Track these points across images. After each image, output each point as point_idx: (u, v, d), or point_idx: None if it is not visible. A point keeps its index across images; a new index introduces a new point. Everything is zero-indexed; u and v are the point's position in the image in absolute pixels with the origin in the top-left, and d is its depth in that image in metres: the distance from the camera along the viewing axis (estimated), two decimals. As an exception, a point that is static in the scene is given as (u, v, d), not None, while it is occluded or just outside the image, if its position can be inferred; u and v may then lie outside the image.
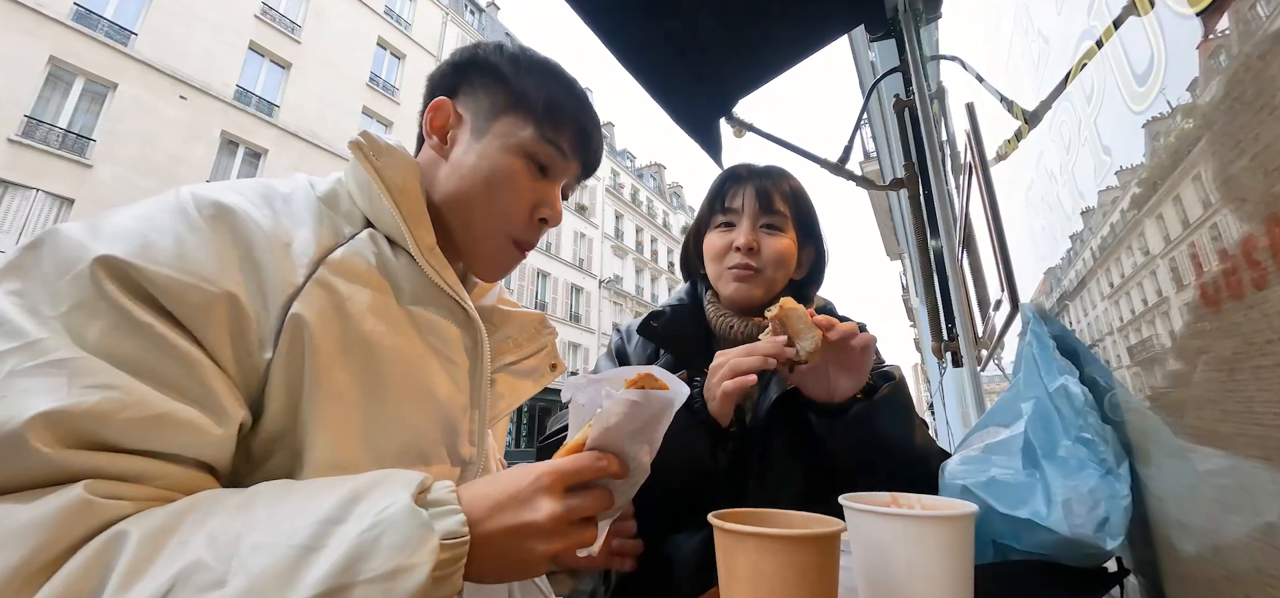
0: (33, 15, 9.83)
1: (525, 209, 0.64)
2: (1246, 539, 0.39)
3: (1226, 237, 0.37)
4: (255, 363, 0.45)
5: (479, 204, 0.62)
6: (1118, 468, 0.55)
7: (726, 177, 0.94)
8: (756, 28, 1.67)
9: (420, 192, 0.60)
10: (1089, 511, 0.52)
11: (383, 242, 0.57)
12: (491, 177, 0.61)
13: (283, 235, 0.49)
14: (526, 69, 0.65)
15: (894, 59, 1.97)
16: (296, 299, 0.47)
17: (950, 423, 4.10)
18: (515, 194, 0.62)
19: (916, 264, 1.90)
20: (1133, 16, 0.46)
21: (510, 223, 0.63)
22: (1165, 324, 0.48)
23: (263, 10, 13.25)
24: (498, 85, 0.64)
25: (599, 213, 25.72)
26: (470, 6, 21.19)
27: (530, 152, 0.63)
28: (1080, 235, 0.65)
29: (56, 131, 9.95)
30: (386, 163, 0.58)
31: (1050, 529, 0.53)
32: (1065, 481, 0.54)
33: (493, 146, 0.62)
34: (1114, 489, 0.53)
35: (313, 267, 0.49)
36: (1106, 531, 0.52)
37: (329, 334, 0.48)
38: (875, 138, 3.71)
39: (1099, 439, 0.56)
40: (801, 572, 0.43)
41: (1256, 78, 0.32)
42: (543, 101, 0.63)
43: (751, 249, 0.87)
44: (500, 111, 0.63)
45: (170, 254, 0.42)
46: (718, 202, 0.93)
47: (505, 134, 0.62)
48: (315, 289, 0.48)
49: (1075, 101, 0.60)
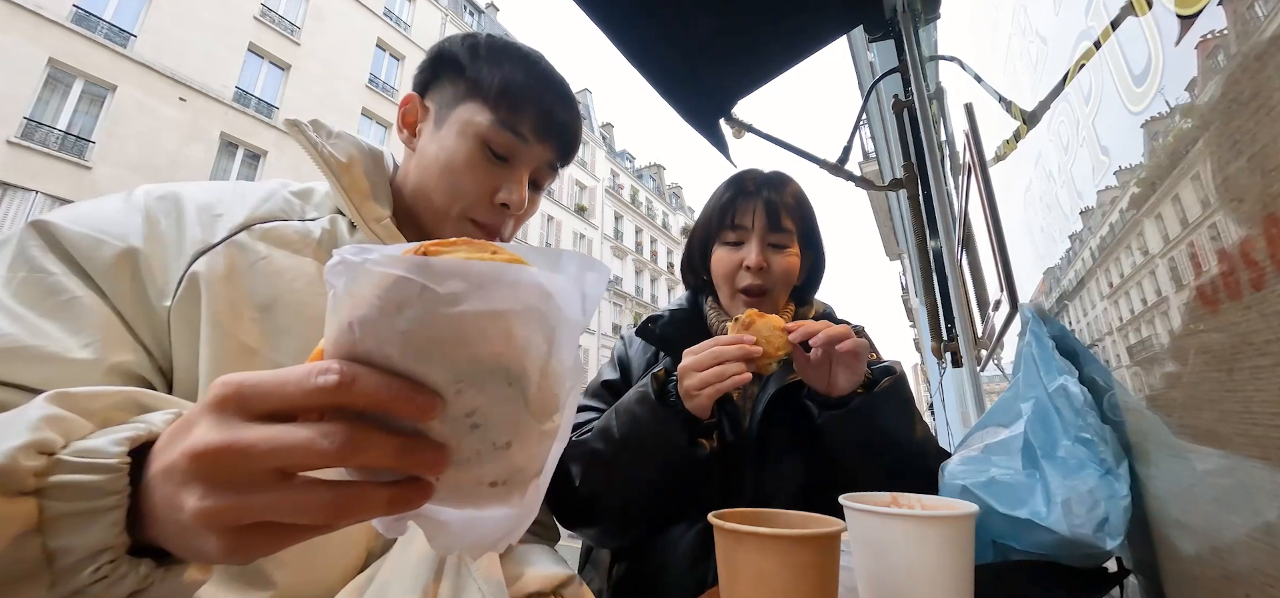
0: (32, 17, 9.82)
1: (482, 193, 0.64)
2: (1246, 539, 0.39)
3: (1224, 237, 0.37)
4: (156, 309, 0.48)
5: (435, 189, 0.64)
6: (1117, 468, 0.55)
7: (736, 189, 0.94)
8: (755, 28, 1.67)
9: (378, 170, 0.64)
10: (1088, 511, 0.52)
11: (342, 223, 0.61)
12: (448, 163, 0.64)
13: (218, 207, 0.55)
14: (485, 56, 0.66)
15: (893, 59, 1.97)
16: (204, 255, 0.51)
17: (950, 423, 4.10)
18: (470, 178, 0.64)
19: (916, 264, 1.90)
20: (1130, 17, 0.46)
21: (465, 204, 0.65)
22: (1164, 324, 0.48)
23: (262, 12, 13.24)
24: (458, 75, 0.66)
25: (598, 214, 25.73)
26: (469, 7, 21.20)
27: (485, 138, 0.63)
28: (1079, 235, 0.65)
29: (56, 133, 9.94)
30: (333, 143, 0.62)
31: (1050, 529, 0.53)
32: (1065, 481, 0.54)
33: (450, 134, 0.65)
34: (1113, 489, 0.53)
35: (233, 230, 0.54)
36: (1106, 531, 0.52)
37: (234, 288, 0.51)
38: (874, 138, 3.71)
39: (1098, 439, 0.56)
40: (802, 572, 0.43)
41: (1254, 78, 0.32)
42: (497, 87, 0.64)
43: (762, 269, 0.89)
44: (460, 100, 0.65)
45: (91, 220, 0.48)
46: (727, 216, 0.93)
47: (462, 122, 0.64)
48: (227, 248, 0.52)
49: (1073, 102, 0.60)
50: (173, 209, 0.52)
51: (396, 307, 0.25)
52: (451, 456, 0.27)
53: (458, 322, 0.25)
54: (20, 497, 0.26)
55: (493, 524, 0.31)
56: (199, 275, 0.50)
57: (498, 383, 0.27)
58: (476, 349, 0.26)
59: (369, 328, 0.25)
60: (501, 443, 0.28)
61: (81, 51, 10.34)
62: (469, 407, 0.27)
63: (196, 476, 0.25)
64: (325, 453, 0.25)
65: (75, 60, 10.24)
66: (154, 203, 0.52)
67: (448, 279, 0.25)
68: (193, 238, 0.51)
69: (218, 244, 0.52)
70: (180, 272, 0.49)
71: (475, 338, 0.26)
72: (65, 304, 0.44)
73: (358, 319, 0.25)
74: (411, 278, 0.24)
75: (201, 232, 0.52)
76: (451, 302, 0.25)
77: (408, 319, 0.25)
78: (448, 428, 0.27)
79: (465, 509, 0.30)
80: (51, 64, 10.05)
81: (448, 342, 0.26)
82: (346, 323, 0.25)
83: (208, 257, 0.51)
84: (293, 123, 0.61)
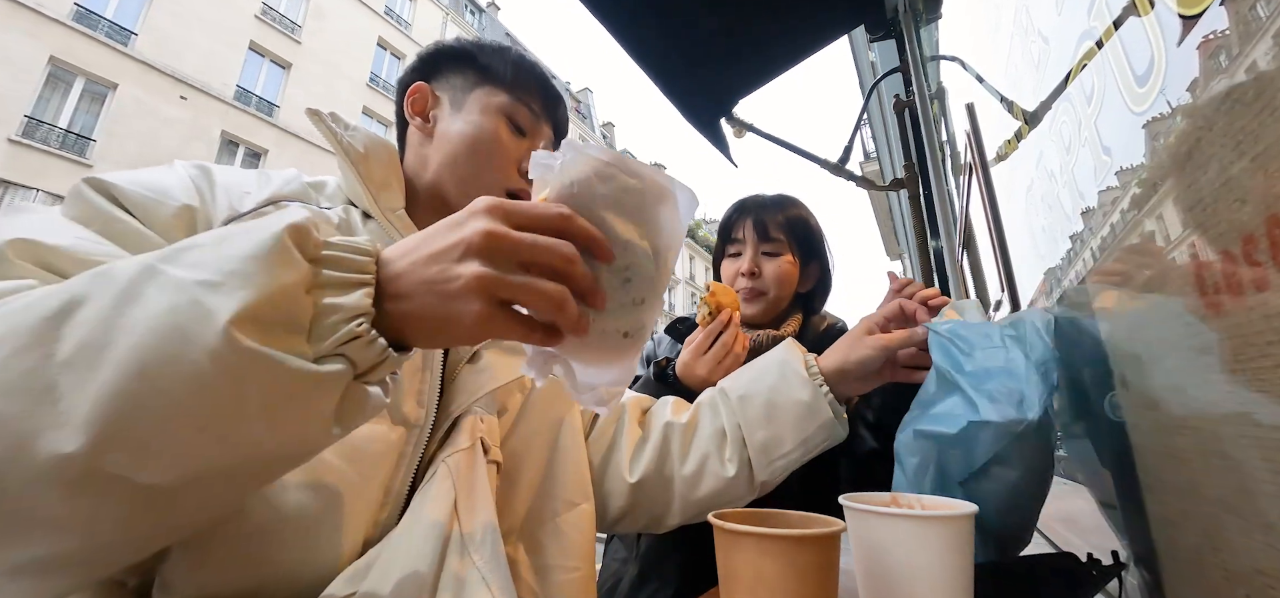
0: (33, 15, 9.82)
1: (511, 164, 0.70)
2: (1246, 540, 0.39)
3: (1227, 237, 0.37)
4: None
5: (465, 165, 0.69)
6: (1034, 354, 0.58)
7: (737, 210, 1.10)
8: (756, 27, 1.67)
9: (392, 163, 0.68)
10: (1007, 394, 0.56)
11: (355, 213, 0.63)
12: (477, 139, 0.68)
13: (245, 185, 0.58)
14: (489, 50, 0.73)
15: (894, 59, 1.97)
16: (241, 219, 0.54)
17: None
18: (501, 151, 0.69)
19: (917, 264, 1.90)
20: (1133, 17, 0.46)
21: (504, 177, 0.70)
22: (1164, 325, 0.48)
23: (263, 10, 13.24)
24: (466, 65, 0.72)
25: (599, 213, 25.68)
26: (470, 6, 21.19)
27: (507, 112, 0.70)
28: (1080, 236, 0.65)
29: (57, 132, 9.94)
30: (351, 134, 0.65)
31: (985, 422, 0.56)
32: (985, 384, 0.58)
33: (473, 113, 0.70)
34: (1023, 366, 0.57)
35: (261, 203, 0.57)
36: (1024, 406, 0.55)
37: None
38: (875, 138, 3.71)
39: (1007, 340, 0.60)
40: (801, 572, 0.43)
41: (1256, 79, 0.32)
42: (509, 70, 0.71)
43: (754, 273, 1.03)
44: (473, 85, 0.71)
45: (144, 180, 0.51)
46: (727, 233, 1.10)
47: (482, 103, 0.70)
48: (256, 215, 0.55)
49: (1075, 102, 0.60)
50: (207, 180, 0.56)
51: (601, 178, 0.39)
52: (608, 300, 0.39)
53: (636, 197, 0.40)
54: (306, 260, 0.34)
55: (607, 379, 0.43)
56: None
57: (645, 251, 0.40)
58: (641, 219, 0.40)
59: (582, 187, 0.38)
60: (638, 299, 0.41)
61: (82, 50, 10.35)
62: (626, 263, 0.40)
63: (480, 251, 0.35)
64: (561, 256, 0.36)
65: (76, 58, 10.25)
66: (194, 172, 0.56)
67: (634, 171, 0.39)
68: (224, 206, 0.55)
69: (245, 215, 0.55)
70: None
71: (641, 213, 0.40)
72: (140, 240, 0.46)
73: (577, 180, 0.39)
74: (613, 164, 0.39)
75: (232, 202, 0.55)
76: (634, 186, 0.39)
77: (606, 187, 0.39)
78: (611, 277, 0.39)
79: (593, 364, 0.42)
80: (52, 62, 10.06)
81: (627, 209, 0.39)
82: (569, 182, 0.39)
83: (248, 219, 0.55)
84: (315, 112, 0.64)
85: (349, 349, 0.34)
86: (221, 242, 0.33)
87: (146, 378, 0.29)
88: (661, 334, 1.15)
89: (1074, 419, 0.74)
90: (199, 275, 0.31)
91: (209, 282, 0.31)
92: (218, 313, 0.30)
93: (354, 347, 0.34)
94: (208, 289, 0.30)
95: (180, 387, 0.29)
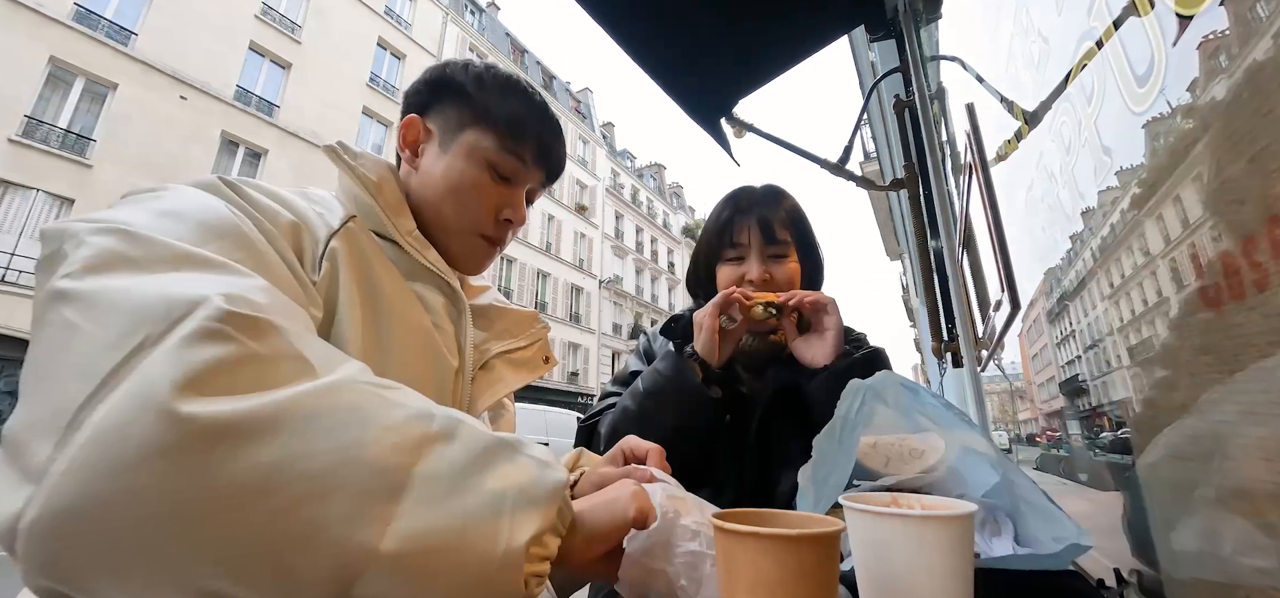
0: (33, 15, 9.82)
1: (489, 212, 0.70)
2: (1247, 541, 0.39)
3: (1227, 238, 0.37)
4: (310, 273, 0.53)
5: (447, 209, 0.69)
6: None
7: (732, 208, 1.01)
8: (756, 28, 1.67)
9: (397, 185, 0.69)
10: None
11: (368, 232, 0.64)
12: (459, 185, 0.69)
13: (319, 205, 0.60)
14: (490, 86, 0.72)
15: (894, 59, 1.97)
16: (334, 237, 0.57)
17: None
18: (479, 199, 0.69)
19: (916, 264, 1.90)
20: (1133, 17, 0.46)
21: (477, 224, 0.70)
22: (1165, 325, 0.48)
23: (263, 10, 13.24)
24: (463, 102, 0.71)
25: (599, 213, 25.73)
26: (470, 6, 21.19)
27: (492, 162, 0.69)
28: (1080, 236, 0.65)
29: (57, 132, 9.94)
30: (361, 163, 0.67)
31: None
32: None
33: (458, 157, 0.69)
34: None
35: (346, 220, 0.60)
36: None
37: (352, 272, 0.57)
38: (875, 138, 3.71)
39: None
40: (801, 572, 0.43)
41: (1255, 79, 0.32)
42: (505, 117, 0.70)
43: (766, 283, 0.96)
44: (466, 125, 0.70)
45: (257, 189, 0.53)
46: (725, 235, 1.00)
47: (469, 145, 0.69)
48: (345, 233, 0.58)
49: (1075, 102, 0.60)
50: (285, 204, 0.57)
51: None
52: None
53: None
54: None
55: None
56: (336, 253, 0.56)
57: None
58: None
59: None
60: None
61: (83, 50, 10.35)
62: None
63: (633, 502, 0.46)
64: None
65: (76, 58, 10.25)
66: (277, 197, 0.57)
67: None
68: (317, 222, 0.57)
69: (339, 229, 0.58)
70: (322, 247, 0.56)
71: None
72: (259, 253, 0.48)
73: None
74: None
75: (323, 217, 0.58)
76: None
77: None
78: None
79: None
80: (52, 62, 10.06)
81: None
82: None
83: (336, 239, 0.57)
84: (332, 150, 0.66)
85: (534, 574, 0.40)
86: (533, 461, 0.41)
87: (459, 542, 0.35)
88: (655, 333, 1.10)
89: (1074, 420, 0.74)
90: (524, 484, 0.39)
91: (529, 496, 0.39)
92: (523, 527, 0.38)
93: (535, 582, 0.40)
94: (526, 501, 0.38)
95: (472, 564, 0.36)
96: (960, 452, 0.57)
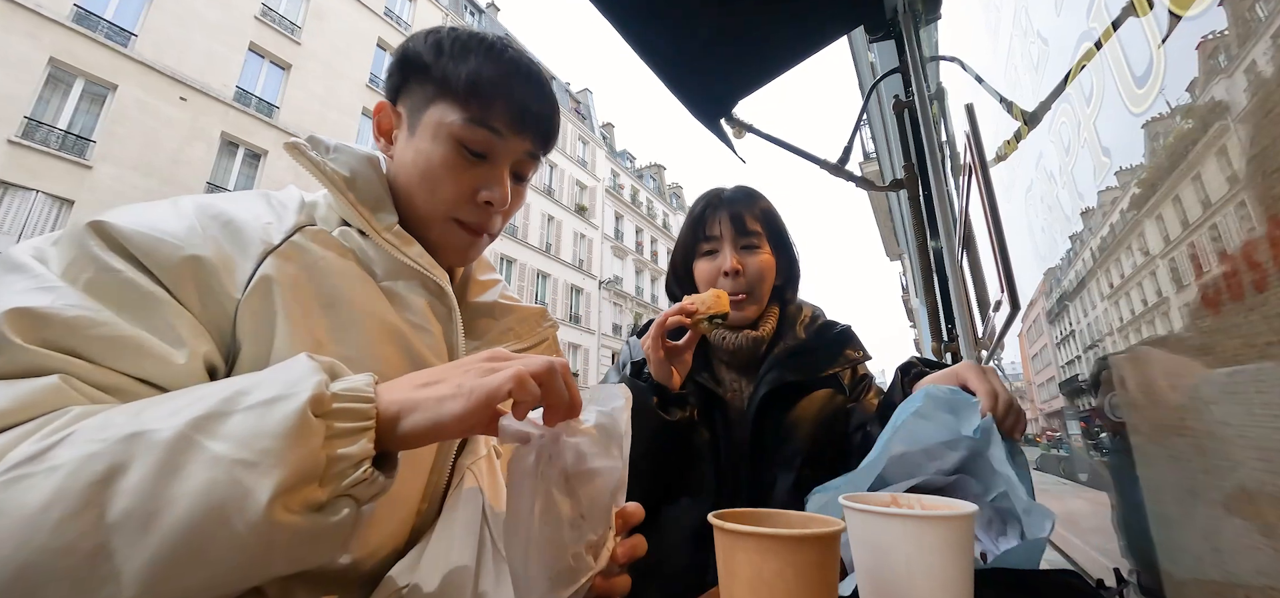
0: (33, 16, 9.81)
1: (463, 194, 0.64)
2: (1247, 541, 0.39)
3: (1226, 238, 0.37)
4: (224, 305, 0.51)
5: (419, 196, 0.64)
6: None
7: (705, 204, 1.05)
8: (756, 28, 1.67)
9: (378, 178, 0.65)
10: None
11: (354, 233, 0.62)
12: (426, 168, 0.63)
13: (265, 216, 0.57)
14: (450, 52, 0.64)
15: (894, 60, 1.97)
16: (270, 256, 0.54)
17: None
18: (450, 181, 0.63)
19: (916, 265, 1.90)
20: (1132, 18, 0.46)
21: (448, 206, 0.64)
22: (1165, 326, 0.48)
23: (263, 11, 13.23)
24: (424, 76, 0.64)
25: (599, 214, 25.72)
26: (470, 7, 21.20)
27: (460, 138, 0.62)
28: (1080, 236, 0.65)
29: (56, 133, 9.93)
30: (333, 158, 0.63)
31: None
32: None
33: (424, 139, 0.64)
34: None
35: (288, 233, 0.56)
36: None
37: (301, 287, 0.54)
38: (875, 139, 3.71)
39: None
40: (801, 572, 0.43)
41: (1254, 79, 0.32)
42: (464, 83, 0.62)
43: (738, 272, 0.98)
44: (429, 102, 0.64)
45: (148, 222, 0.50)
46: (699, 228, 1.04)
47: (435, 123, 0.63)
48: (288, 250, 0.55)
49: (1075, 103, 0.60)
50: (220, 223, 0.54)
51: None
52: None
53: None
54: (319, 418, 0.38)
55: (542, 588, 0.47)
56: (270, 276, 0.53)
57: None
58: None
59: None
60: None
61: (82, 51, 10.34)
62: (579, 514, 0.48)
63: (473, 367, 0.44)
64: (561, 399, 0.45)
65: (76, 59, 10.24)
66: (205, 218, 0.54)
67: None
68: (254, 240, 0.54)
69: (280, 245, 0.55)
70: (249, 271, 0.53)
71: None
72: (142, 299, 0.46)
73: None
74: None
75: (262, 231, 0.55)
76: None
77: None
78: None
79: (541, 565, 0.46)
80: (52, 63, 10.05)
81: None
82: None
83: (273, 258, 0.54)
84: (291, 146, 0.62)
85: (356, 491, 0.39)
86: (251, 412, 0.38)
87: (192, 546, 0.34)
88: (635, 340, 1.09)
89: (1073, 420, 0.74)
90: (236, 454, 0.36)
91: (246, 461, 0.36)
92: (257, 493, 0.35)
93: (360, 489, 0.40)
94: (245, 469, 0.36)
95: (222, 552, 0.35)
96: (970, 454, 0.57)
